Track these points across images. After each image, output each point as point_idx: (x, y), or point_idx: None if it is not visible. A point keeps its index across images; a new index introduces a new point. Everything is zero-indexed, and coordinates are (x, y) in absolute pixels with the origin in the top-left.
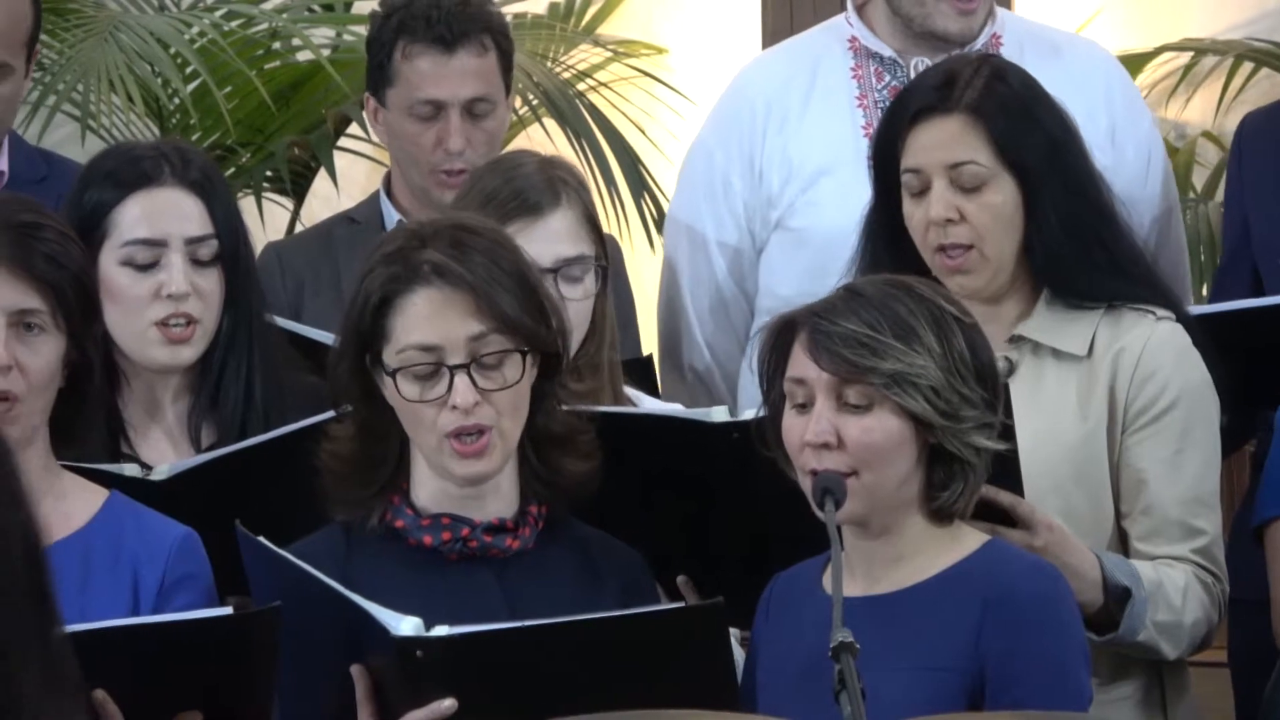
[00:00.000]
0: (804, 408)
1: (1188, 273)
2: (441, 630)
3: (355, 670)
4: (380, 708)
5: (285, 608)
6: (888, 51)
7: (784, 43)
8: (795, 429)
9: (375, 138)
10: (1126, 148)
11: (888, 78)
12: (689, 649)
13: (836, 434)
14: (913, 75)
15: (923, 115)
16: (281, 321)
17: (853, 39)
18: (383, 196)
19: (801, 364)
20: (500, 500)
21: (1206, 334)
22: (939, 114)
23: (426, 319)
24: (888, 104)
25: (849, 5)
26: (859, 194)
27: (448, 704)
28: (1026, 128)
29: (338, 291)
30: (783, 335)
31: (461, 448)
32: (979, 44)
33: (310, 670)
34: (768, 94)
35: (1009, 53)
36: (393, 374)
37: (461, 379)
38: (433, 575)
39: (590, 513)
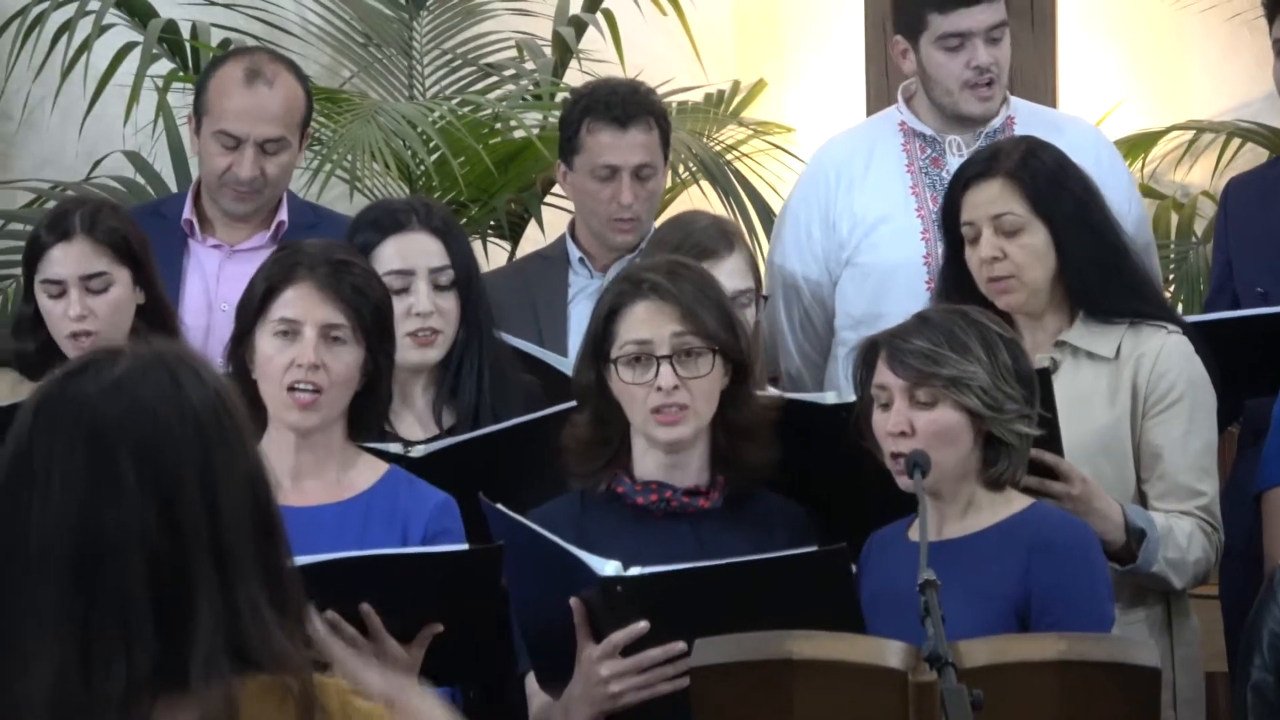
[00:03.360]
0: (886, 407)
1: (1161, 290)
2: (635, 570)
3: (573, 602)
4: (592, 630)
5: (518, 556)
6: (928, 131)
7: (849, 129)
8: (880, 423)
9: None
10: (1110, 199)
11: (929, 150)
12: (820, 586)
13: (910, 424)
14: (947, 148)
15: (973, 181)
16: (505, 337)
17: (902, 123)
18: (568, 239)
19: (883, 373)
20: (696, 472)
21: (1201, 337)
22: (985, 179)
23: (643, 321)
24: (929, 169)
25: (899, 97)
26: (908, 236)
27: (641, 625)
28: (1054, 187)
29: (532, 311)
30: (869, 353)
31: (662, 417)
32: (996, 124)
33: (540, 602)
34: (837, 164)
35: (1021, 130)
36: (614, 362)
37: (665, 366)
38: (644, 528)
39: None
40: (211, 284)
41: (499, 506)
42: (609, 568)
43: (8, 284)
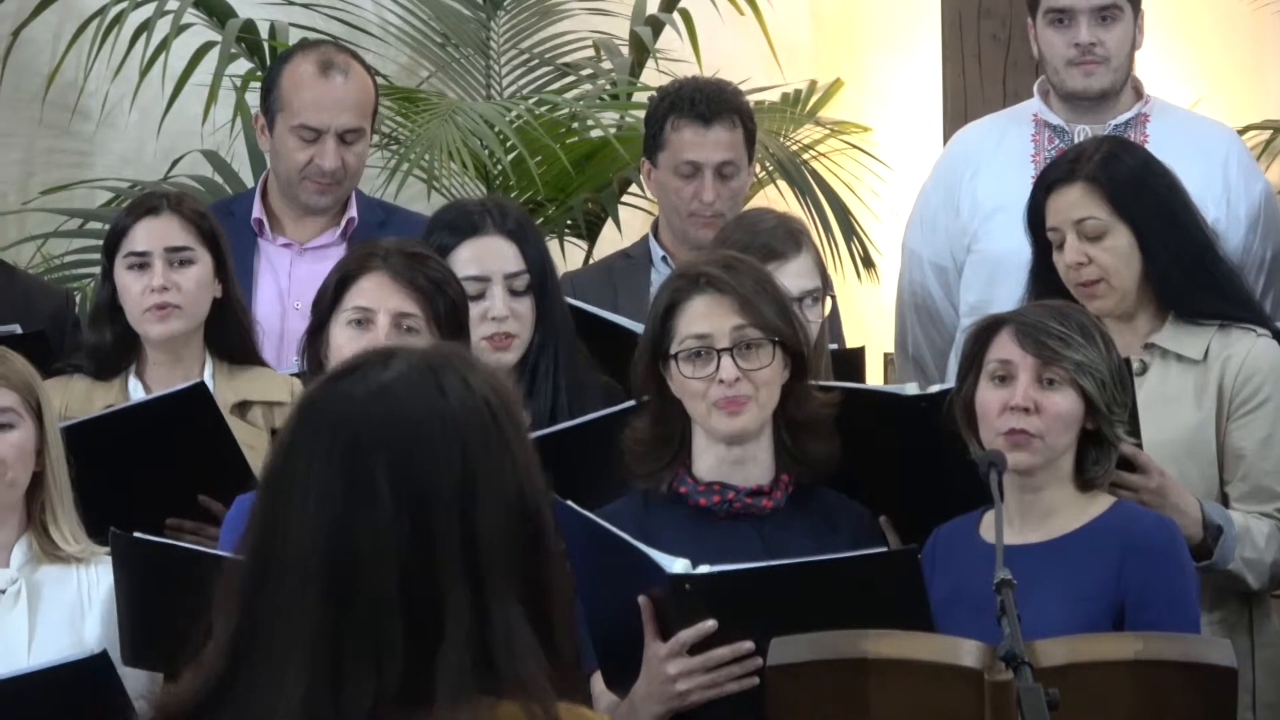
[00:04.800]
0: (1004, 381)
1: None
2: (704, 568)
3: (641, 599)
4: (660, 628)
5: (590, 553)
6: (1057, 120)
7: (986, 117)
8: (995, 399)
9: (648, 193)
10: (1239, 206)
11: (1057, 140)
12: (889, 586)
13: (1035, 403)
14: (1076, 139)
15: (1055, 186)
16: (584, 305)
17: (1035, 114)
18: (651, 238)
19: (1008, 348)
20: (758, 470)
21: None
22: (1065, 184)
23: (702, 316)
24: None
25: (1035, 90)
26: (1023, 226)
27: (709, 624)
28: (1136, 189)
29: (614, 309)
30: (988, 330)
31: (724, 405)
32: (1130, 114)
33: (608, 600)
34: (967, 150)
35: (1153, 127)
36: (674, 357)
37: (726, 359)
38: (707, 529)
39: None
40: (284, 283)
41: (569, 503)
42: (678, 565)
43: (86, 283)
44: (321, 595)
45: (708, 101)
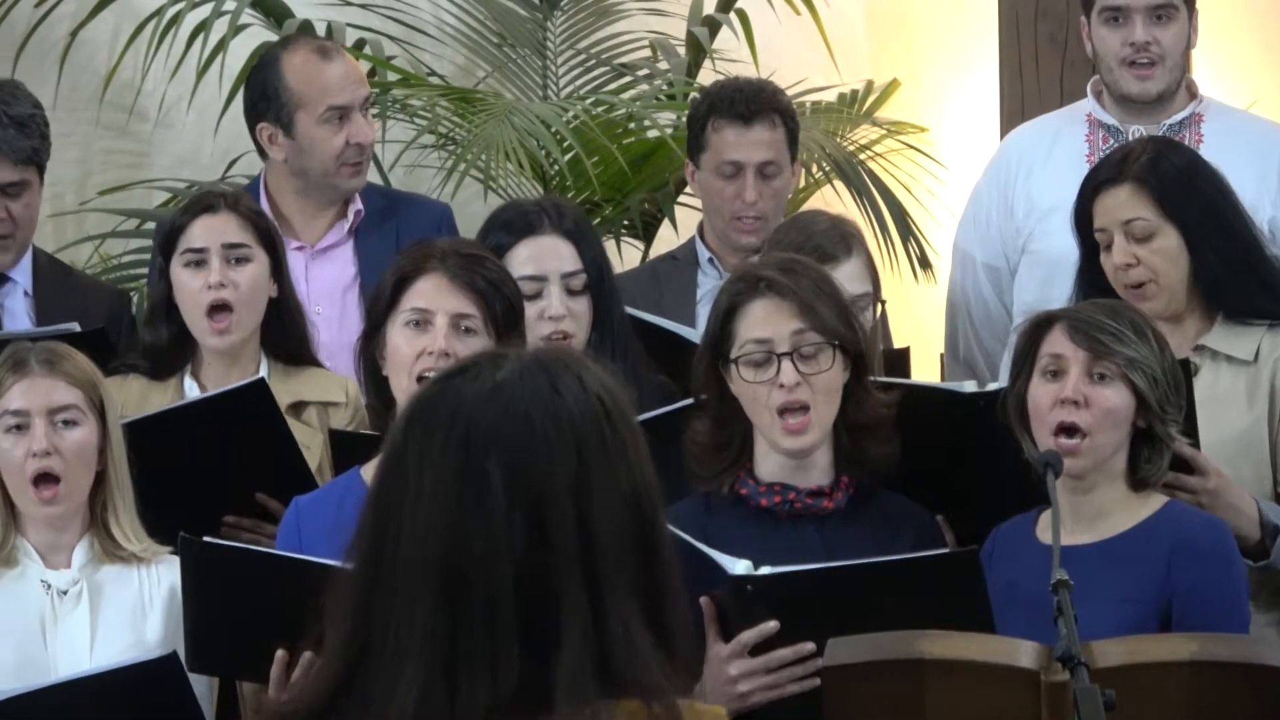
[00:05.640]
0: (1055, 375)
1: None
2: (765, 570)
3: (703, 601)
4: (721, 629)
5: None
6: (1111, 121)
7: (1039, 118)
8: (1046, 394)
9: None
10: None
11: (1111, 141)
12: (951, 587)
13: (1085, 396)
14: (1130, 139)
15: (1102, 186)
16: (636, 312)
17: (1089, 114)
18: (697, 240)
19: (1060, 343)
20: (819, 472)
21: None
22: (1113, 184)
23: (762, 320)
24: None
25: (1089, 90)
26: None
27: (771, 625)
28: (1184, 189)
29: (660, 312)
30: (1040, 326)
31: (787, 425)
32: (1184, 114)
33: None
34: (1020, 151)
35: (1208, 128)
36: (735, 363)
37: (787, 363)
38: (769, 530)
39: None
40: (301, 288)
41: None
42: (740, 566)
43: (143, 282)
44: (435, 597)
45: (747, 101)
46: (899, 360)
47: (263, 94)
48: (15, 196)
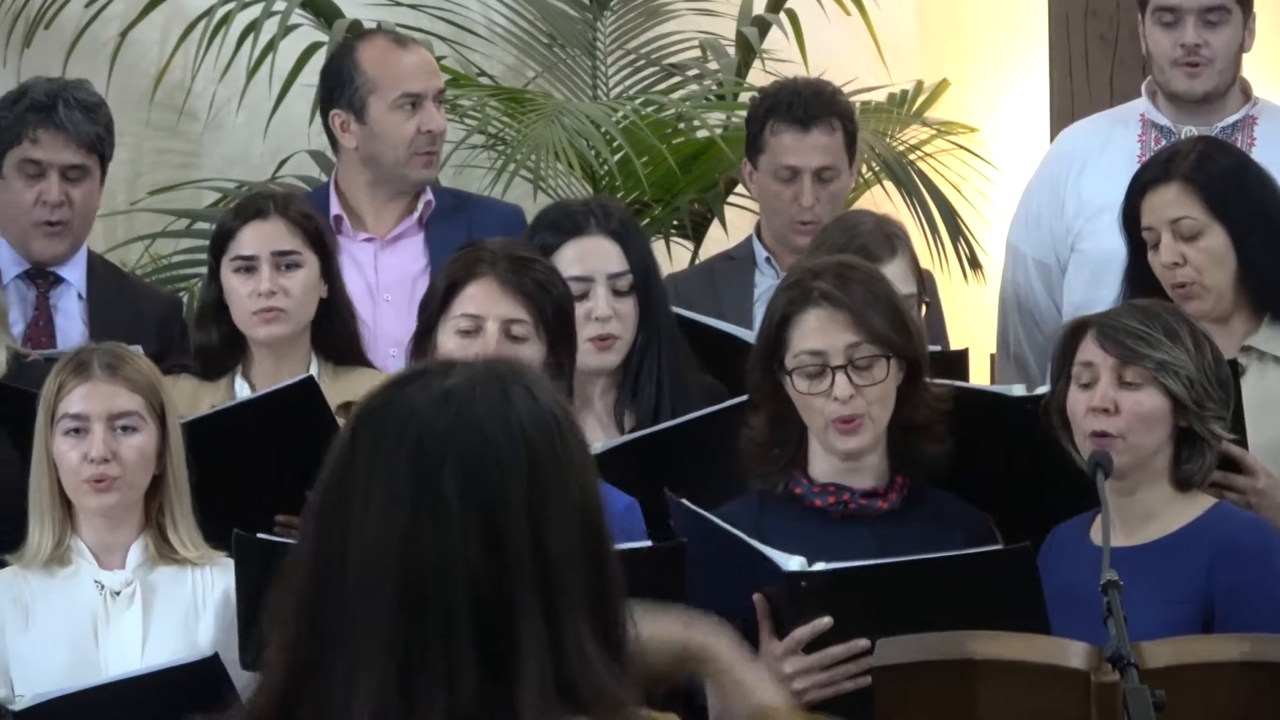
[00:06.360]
0: (1088, 386)
1: None
2: (820, 566)
3: (756, 597)
4: (774, 626)
5: (703, 550)
6: (1164, 121)
7: (1093, 116)
8: (1081, 401)
9: (752, 194)
10: None
11: (1164, 141)
12: (1005, 584)
13: (1115, 403)
14: (1182, 138)
15: (1150, 185)
16: (686, 313)
17: (1143, 114)
18: (754, 240)
19: (1091, 351)
20: (873, 473)
21: None
22: (1161, 183)
23: (816, 331)
24: None
25: (1144, 90)
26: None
27: (825, 621)
28: (1231, 189)
29: (717, 311)
30: (1076, 332)
31: (841, 426)
32: (1238, 116)
33: (721, 597)
34: (1074, 148)
35: (1261, 129)
36: (790, 373)
37: (841, 376)
38: (823, 529)
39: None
40: (370, 276)
41: (683, 501)
42: (793, 563)
43: (194, 282)
44: (389, 608)
45: (805, 105)
46: (958, 361)
47: (337, 80)
48: (76, 182)
